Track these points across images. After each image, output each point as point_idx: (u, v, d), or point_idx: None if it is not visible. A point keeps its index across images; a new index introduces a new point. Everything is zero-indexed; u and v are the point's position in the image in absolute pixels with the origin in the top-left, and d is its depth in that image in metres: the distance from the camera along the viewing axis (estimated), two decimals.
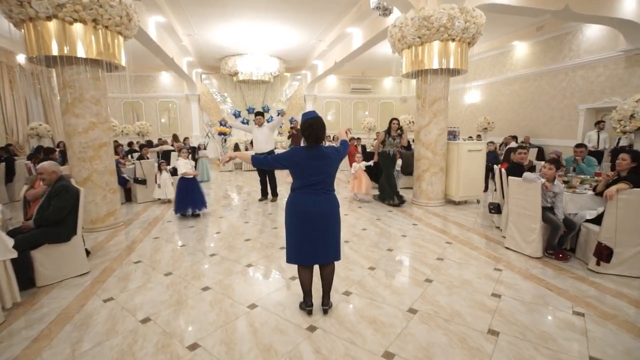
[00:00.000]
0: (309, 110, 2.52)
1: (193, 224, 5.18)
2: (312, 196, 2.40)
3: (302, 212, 2.41)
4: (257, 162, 2.56)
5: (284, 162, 2.44)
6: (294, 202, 2.45)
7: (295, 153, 2.40)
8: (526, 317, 2.56)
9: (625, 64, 7.87)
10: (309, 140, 2.38)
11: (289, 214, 2.49)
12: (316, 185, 2.40)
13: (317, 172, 2.38)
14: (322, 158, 2.38)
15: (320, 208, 2.42)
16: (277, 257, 3.80)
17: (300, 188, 2.43)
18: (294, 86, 15.67)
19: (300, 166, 2.38)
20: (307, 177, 2.39)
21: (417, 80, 6.24)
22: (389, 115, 18.75)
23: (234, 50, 11.91)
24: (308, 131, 2.36)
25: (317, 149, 2.38)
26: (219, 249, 4.09)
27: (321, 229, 2.43)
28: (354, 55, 10.25)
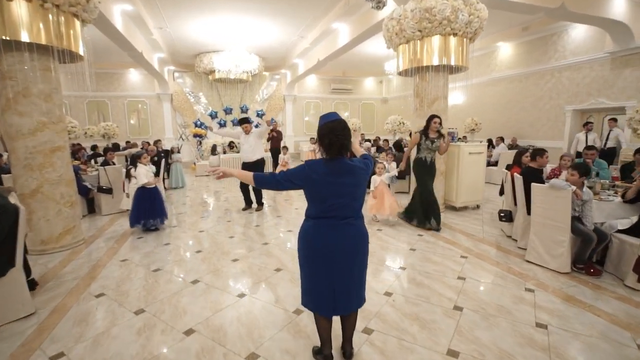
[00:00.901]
0: (328, 112, 1.93)
1: (169, 241, 4.46)
2: (334, 227, 1.83)
3: (320, 249, 1.84)
4: (261, 182, 1.92)
5: (297, 180, 1.82)
6: (309, 236, 1.87)
7: (312, 168, 1.79)
8: (589, 356, 2.12)
9: (610, 65, 7.87)
10: (331, 151, 1.78)
11: (303, 250, 1.92)
12: (339, 212, 1.82)
13: (340, 194, 1.81)
14: (347, 174, 1.80)
15: (345, 243, 1.85)
16: (275, 282, 3.20)
17: (318, 216, 1.84)
18: (272, 86, 15.01)
19: (318, 186, 1.79)
20: (327, 200, 1.80)
21: (414, 79, 5.82)
22: (370, 117, 18.66)
23: (210, 47, 11.11)
24: (328, 138, 1.76)
25: (340, 163, 1.80)
26: (202, 273, 3.42)
27: (345, 272, 1.87)
28: (340, 52, 9.78)
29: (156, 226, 4.90)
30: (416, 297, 2.90)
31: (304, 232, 1.91)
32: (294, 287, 3.08)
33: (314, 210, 1.85)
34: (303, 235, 1.91)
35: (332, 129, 1.78)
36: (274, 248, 4.13)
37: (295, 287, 3.09)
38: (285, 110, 15.81)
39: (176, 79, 13.44)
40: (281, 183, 1.85)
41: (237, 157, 10.97)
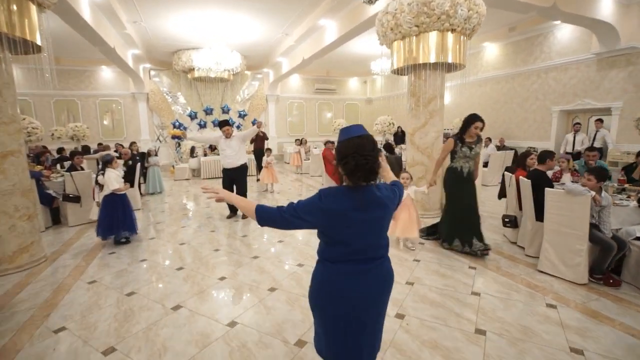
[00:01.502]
0: (351, 125, 1.46)
1: (145, 256, 3.97)
2: (363, 273, 1.41)
3: (348, 302, 1.41)
4: (265, 219, 1.43)
5: (308, 217, 1.36)
6: (332, 286, 1.42)
7: (328, 201, 1.34)
8: None
9: (596, 66, 7.91)
10: (355, 177, 1.34)
11: (328, 307, 1.44)
12: (367, 254, 1.42)
13: (367, 233, 1.40)
14: (376, 207, 1.39)
15: (377, 291, 1.45)
16: (270, 305, 2.80)
17: (342, 260, 1.41)
18: (253, 86, 14.51)
19: (338, 224, 1.36)
20: (351, 243, 1.38)
21: (409, 77, 5.55)
22: (355, 117, 18.43)
23: (188, 43, 10.52)
24: (354, 160, 1.32)
25: (367, 193, 1.38)
26: (185, 296, 2.98)
27: (374, 324, 1.50)
28: (326, 51, 9.45)
29: (127, 239, 4.39)
30: (432, 319, 2.58)
31: (324, 281, 1.44)
32: (292, 311, 2.70)
33: (338, 253, 1.42)
34: (323, 285, 1.44)
35: (358, 147, 1.33)
36: (265, 263, 3.73)
37: (294, 309, 2.71)
38: (267, 111, 15.35)
39: (152, 77, 12.72)
40: (289, 221, 1.38)
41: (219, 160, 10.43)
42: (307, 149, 12.00)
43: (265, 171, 8.04)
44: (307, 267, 3.57)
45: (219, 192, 1.55)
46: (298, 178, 10.58)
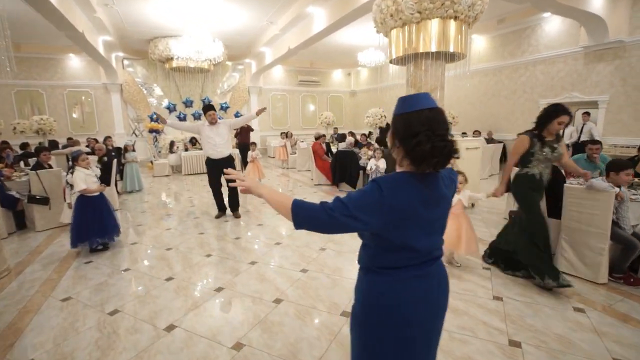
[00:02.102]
0: (414, 94, 1.12)
1: (128, 265, 3.54)
2: (428, 277, 1.15)
3: (416, 316, 1.13)
4: (304, 216, 1.07)
5: (366, 215, 1.03)
6: (395, 299, 1.11)
7: (399, 194, 1.04)
8: None
9: (584, 60, 7.97)
10: (430, 163, 1.04)
11: (382, 321, 1.13)
12: (432, 253, 1.16)
13: (433, 231, 1.14)
14: (442, 200, 1.14)
15: (444, 295, 1.21)
16: (278, 321, 2.48)
17: (404, 266, 1.12)
18: (234, 77, 13.90)
19: (409, 223, 1.07)
20: (420, 242, 1.10)
21: (408, 67, 5.30)
22: (339, 110, 18.14)
23: (165, 31, 9.86)
24: (430, 142, 1.02)
25: (437, 182, 1.12)
26: (177, 313, 2.61)
27: (437, 337, 1.24)
28: (314, 40, 9.07)
29: (105, 245, 3.93)
30: (459, 331, 2.35)
31: (386, 296, 1.12)
32: (304, 326, 2.40)
33: (395, 259, 1.12)
34: (385, 299, 1.12)
35: (432, 122, 1.04)
36: (264, 269, 3.40)
37: (306, 325, 2.41)
38: (250, 103, 14.81)
39: (126, 67, 11.90)
40: (338, 222, 1.03)
41: (201, 154, 9.90)
42: (293, 142, 11.63)
43: (251, 166, 7.64)
44: (312, 273, 3.27)
45: (245, 180, 1.22)
46: (284, 173, 10.22)
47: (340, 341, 2.23)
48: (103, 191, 3.91)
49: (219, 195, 5.32)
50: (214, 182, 5.23)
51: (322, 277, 3.18)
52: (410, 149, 1.05)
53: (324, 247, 3.98)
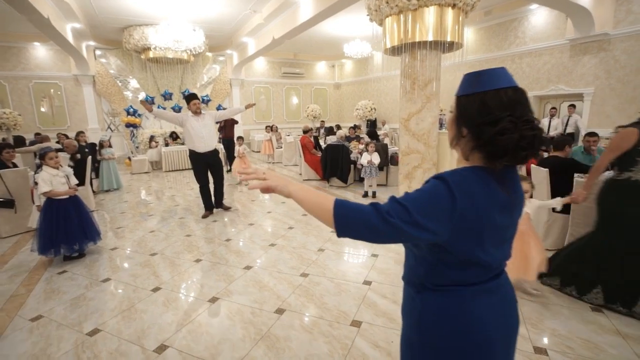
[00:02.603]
0: (488, 69, 0.88)
1: (108, 274, 3.20)
2: (497, 292, 0.95)
3: (493, 339, 0.92)
4: (351, 224, 0.84)
5: (439, 225, 0.81)
6: (471, 324, 0.91)
7: (474, 197, 0.83)
8: None
9: (570, 52, 8.02)
10: (518, 157, 0.82)
11: (456, 348, 0.93)
12: (501, 266, 0.97)
13: (505, 239, 0.94)
14: (517, 203, 0.93)
15: (516, 311, 1.01)
16: (284, 336, 2.24)
17: (475, 282, 0.92)
18: (214, 69, 13.34)
19: (483, 233, 0.86)
20: (492, 255, 0.89)
21: (402, 57, 5.09)
22: (323, 103, 17.85)
23: (141, 18, 9.23)
24: (519, 131, 0.80)
25: (513, 179, 0.92)
26: (169, 330, 2.32)
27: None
28: (299, 30, 8.72)
29: (81, 252, 3.55)
30: None
31: (458, 321, 0.92)
32: (314, 341, 2.17)
33: (464, 276, 0.91)
34: (456, 323, 0.92)
35: (517, 105, 0.82)
36: (261, 275, 3.14)
37: (316, 339, 2.19)
38: (232, 96, 14.31)
39: (98, 57, 11.16)
40: (396, 229, 0.80)
41: (185, 149, 9.43)
42: (279, 136, 11.30)
43: (239, 162, 7.32)
44: (313, 278, 3.04)
45: (267, 178, 0.95)
46: (270, 167, 9.91)
47: (355, 356, 2.02)
48: (73, 194, 3.50)
49: (206, 192, 5.01)
50: (201, 178, 4.92)
51: (324, 282, 2.96)
52: (488, 140, 0.82)
53: (322, 247, 3.75)
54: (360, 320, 2.37)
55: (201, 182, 4.95)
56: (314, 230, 4.33)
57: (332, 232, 4.13)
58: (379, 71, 14.23)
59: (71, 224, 3.41)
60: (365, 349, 2.08)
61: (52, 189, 3.28)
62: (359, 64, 15.40)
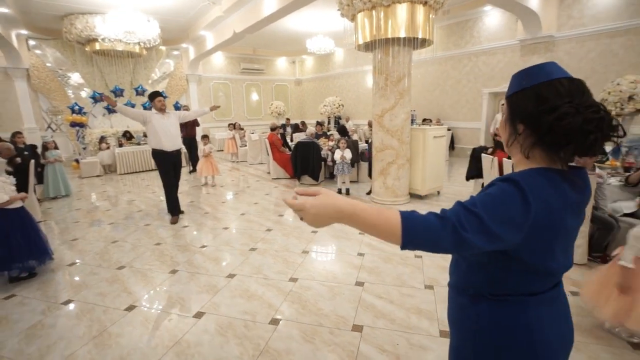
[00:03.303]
0: (538, 64, 0.85)
1: (69, 295, 2.81)
2: (557, 302, 0.90)
3: (556, 351, 0.87)
4: (420, 238, 0.74)
5: (513, 233, 0.73)
6: (535, 334, 0.84)
7: (548, 200, 0.77)
8: None
9: (521, 52, 8.58)
10: (575, 142, 0.75)
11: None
12: (561, 275, 0.90)
13: (569, 243, 0.88)
14: (584, 204, 0.88)
15: (573, 331, 0.94)
16: (281, 349, 2.09)
17: (537, 292, 0.86)
18: (168, 64, 12.55)
19: (553, 238, 0.80)
20: (557, 262, 0.83)
21: (375, 54, 5.09)
22: (284, 99, 17.54)
23: (84, 5, 8.35)
24: (573, 109, 0.74)
25: (582, 179, 0.86)
26: (153, 355, 2.07)
27: None
28: (263, 24, 8.44)
29: (30, 271, 3.10)
30: None
31: (521, 335, 0.85)
32: (317, 351, 2.05)
33: (528, 283, 0.85)
34: (521, 334, 0.85)
35: (574, 92, 0.78)
36: (247, 282, 2.94)
37: (319, 349, 2.07)
38: (189, 92, 13.60)
39: (32, 48, 9.96)
40: (467, 239, 0.72)
41: (142, 150, 8.76)
42: (242, 134, 10.91)
43: (205, 162, 6.91)
44: (304, 282, 2.91)
45: (318, 193, 0.81)
46: (235, 167, 9.56)
47: None
48: (22, 200, 3.05)
49: (174, 194, 4.67)
50: (169, 179, 4.62)
51: (316, 286, 2.84)
52: (548, 129, 0.77)
53: (305, 249, 3.63)
54: (361, 325, 2.30)
55: (169, 183, 4.64)
56: (293, 231, 4.19)
57: (313, 232, 4.04)
58: (341, 67, 14.30)
59: (15, 241, 2.95)
60: (372, 355, 2.00)
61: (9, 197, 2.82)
62: (320, 60, 15.35)
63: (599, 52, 7.31)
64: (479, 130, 9.65)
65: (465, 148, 9.94)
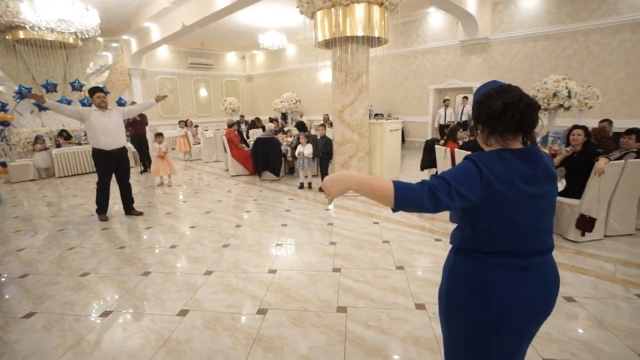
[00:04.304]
0: (486, 82, 1.22)
1: (30, 308, 2.58)
2: (525, 269, 1.08)
3: (503, 308, 1.08)
4: (408, 201, 1.01)
5: (468, 191, 1.01)
6: (482, 283, 1.09)
7: (496, 169, 1.03)
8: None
9: (461, 52, 9.37)
10: (499, 120, 1.06)
11: (467, 304, 1.13)
12: (536, 243, 1.09)
13: (540, 213, 1.08)
14: (547, 179, 1.09)
15: (544, 295, 1.12)
16: (275, 334, 2.16)
17: (499, 251, 1.08)
18: (105, 56, 11.60)
19: (508, 200, 1.03)
20: (521, 227, 1.06)
21: (334, 51, 5.26)
22: (235, 96, 17.05)
23: None
24: (495, 99, 1.08)
25: (537, 157, 1.09)
26: (142, 357, 2.03)
27: (529, 339, 1.18)
28: (215, 17, 8.22)
29: None
30: None
31: (472, 278, 1.11)
32: (308, 333, 2.17)
33: (490, 242, 1.09)
34: (471, 282, 1.11)
35: (502, 92, 1.08)
36: (227, 277, 2.95)
37: (309, 331, 2.19)
38: (132, 88, 12.74)
39: None
40: (441, 199, 0.99)
41: (84, 150, 8.05)
42: (195, 131, 10.51)
43: (160, 161, 6.59)
44: (283, 273, 3.00)
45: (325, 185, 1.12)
46: (189, 165, 9.22)
47: (353, 340, 2.10)
48: None
49: (106, 191, 4.57)
50: (105, 179, 4.49)
51: (295, 275, 2.95)
52: (485, 118, 1.09)
53: (278, 242, 3.71)
54: (345, 306, 2.46)
55: (104, 182, 4.50)
56: (263, 226, 4.23)
57: (283, 225, 4.13)
58: (294, 63, 14.33)
59: None
60: (359, 331, 2.17)
61: None
62: (272, 55, 15.23)
63: (526, 53, 8.25)
64: (426, 124, 10.37)
65: (414, 141, 10.63)
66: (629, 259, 3.10)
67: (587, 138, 3.68)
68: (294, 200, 5.37)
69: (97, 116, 4.22)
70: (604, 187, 3.37)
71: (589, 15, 7.24)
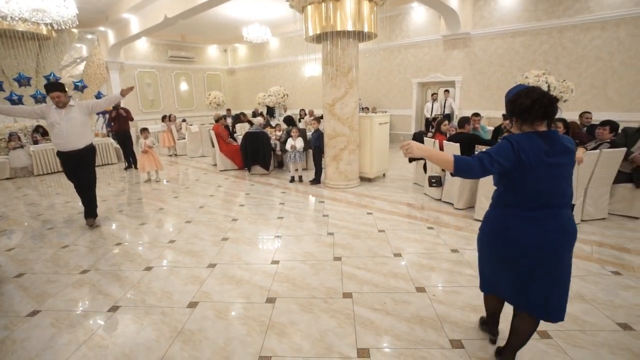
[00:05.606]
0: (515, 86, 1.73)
1: (33, 306, 2.55)
2: (542, 219, 1.52)
3: (520, 247, 1.56)
4: (464, 167, 1.53)
5: (508, 161, 1.48)
6: (506, 231, 1.59)
7: (525, 145, 1.47)
8: None
9: (444, 46, 9.60)
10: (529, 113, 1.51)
11: (494, 244, 1.67)
12: (553, 199, 1.52)
13: (558, 177, 1.51)
14: (564, 153, 1.51)
15: (554, 239, 1.52)
16: (287, 321, 2.25)
17: (521, 204, 1.56)
18: (80, 49, 11.16)
19: (534, 167, 1.47)
20: (542, 185, 1.50)
21: (324, 45, 5.31)
22: (217, 89, 16.75)
23: None
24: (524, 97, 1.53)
25: (555, 137, 1.52)
26: (159, 349, 2.07)
27: (546, 273, 1.56)
28: (199, 9, 8.07)
29: None
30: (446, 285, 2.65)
31: (498, 227, 1.63)
32: (319, 319, 2.26)
33: (516, 198, 1.56)
34: (497, 231, 1.64)
35: (529, 91, 1.53)
36: (231, 270, 3.00)
37: (320, 317, 2.29)
38: (110, 82, 12.34)
39: None
40: (485, 168, 1.50)
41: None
42: (178, 126, 10.32)
43: (145, 157, 6.48)
44: (286, 264, 3.08)
45: (410, 145, 1.61)
46: (174, 161, 9.10)
47: (362, 323, 2.22)
48: None
49: (87, 197, 4.24)
50: (74, 181, 4.19)
51: (299, 265, 3.04)
52: (518, 112, 1.54)
53: (277, 234, 3.78)
54: (350, 292, 2.58)
55: (76, 185, 4.22)
56: (259, 219, 4.29)
57: (279, 218, 4.19)
58: (277, 57, 14.22)
59: None
60: (367, 314, 2.30)
61: None
62: (254, 49, 15.05)
63: (505, 49, 8.57)
64: (410, 117, 10.60)
65: (399, 134, 10.83)
66: (604, 240, 3.37)
67: (566, 130, 3.93)
68: (286, 194, 5.44)
69: (55, 115, 3.84)
70: (581, 175, 3.62)
71: (563, 13, 7.60)
